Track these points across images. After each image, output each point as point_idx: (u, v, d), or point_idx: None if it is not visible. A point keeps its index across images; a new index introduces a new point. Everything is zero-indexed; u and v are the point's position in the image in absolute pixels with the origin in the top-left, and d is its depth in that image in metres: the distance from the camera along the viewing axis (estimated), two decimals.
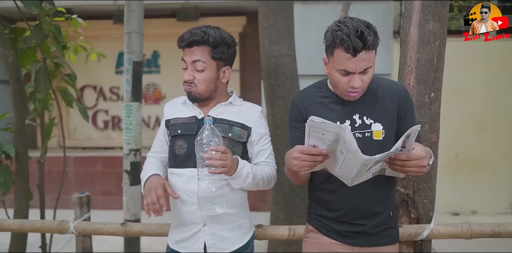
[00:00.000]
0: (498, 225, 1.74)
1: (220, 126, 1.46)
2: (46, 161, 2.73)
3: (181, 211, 1.47)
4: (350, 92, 1.31)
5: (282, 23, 2.66)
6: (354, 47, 1.20)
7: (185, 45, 1.44)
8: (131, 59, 2.72)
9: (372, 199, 1.40)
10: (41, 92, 2.14)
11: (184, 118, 1.52)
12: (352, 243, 1.44)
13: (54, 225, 1.90)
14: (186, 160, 1.47)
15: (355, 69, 1.25)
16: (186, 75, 1.46)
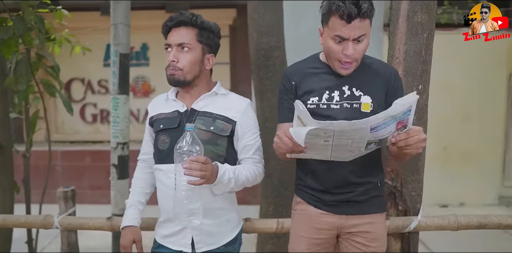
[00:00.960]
0: (484, 216, 1.76)
1: (202, 119, 1.44)
2: (33, 155, 2.68)
3: (168, 206, 1.43)
4: (342, 63, 1.33)
5: (271, 15, 2.63)
6: (349, 13, 1.22)
7: (173, 25, 1.42)
8: (117, 51, 2.67)
9: (359, 168, 1.41)
10: (22, 83, 2.08)
11: (166, 113, 1.50)
12: (339, 212, 1.45)
13: (38, 220, 1.86)
14: (170, 155, 1.39)
15: (349, 35, 1.26)
16: (170, 56, 1.41)
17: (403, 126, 1.18)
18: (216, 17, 5.40)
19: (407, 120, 1.16)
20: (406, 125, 1.18)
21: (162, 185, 1.46)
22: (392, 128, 1.17)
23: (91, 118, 5.52)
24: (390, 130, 1.17)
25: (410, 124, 1.18)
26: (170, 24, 1.43)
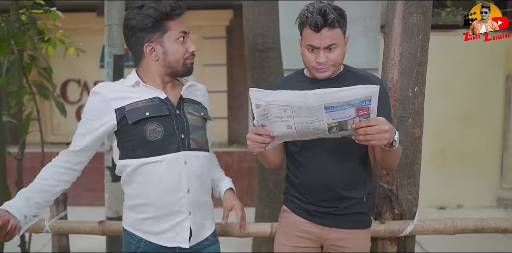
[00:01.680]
0: (481, 220, 1.74)
1: (192, 106, 1.44)
2: (28, 156, 2.66)
3: (164, 201, 1.35)
4: (317, 69, 1.37)
5: (266, 15, 2.61)
6: (315, 23, 1.30)
7: (178, 13, 1.34)
8: (111, 52, 2.65)
9: (336, 183, 1.42)
10: (14, 84, 2.06)
11: (143, 100, 1.35)
12: (321, 223, 1.48)
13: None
14: (166, 145, 1.34)
15: (319, 44, 1.33)
16: (193, 46, 1.39)
17: (366, 115, 1.15)
18: (212, 18, 5.42)
19: (368, 109, 1.14)
20: (369, 114, 1.15)
21: (159, 178, 1.34)
22: (351, 112, 1.14)
23: None
24: (350, 115, 1.15)
25: (373, 114, 1.16)
26: (177, 12, 1.34)
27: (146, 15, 1.31)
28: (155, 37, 1.34)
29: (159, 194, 1.35)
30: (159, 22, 1.32)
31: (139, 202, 1.38)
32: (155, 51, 1.36)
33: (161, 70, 1.39)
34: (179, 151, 1.36)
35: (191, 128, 1.40)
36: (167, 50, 1.35)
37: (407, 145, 1.73)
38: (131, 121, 1.32)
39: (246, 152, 4.88)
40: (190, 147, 1.38)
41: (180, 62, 1.37)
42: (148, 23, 1.31)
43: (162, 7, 1.31)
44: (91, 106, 1.36)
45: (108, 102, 1.33)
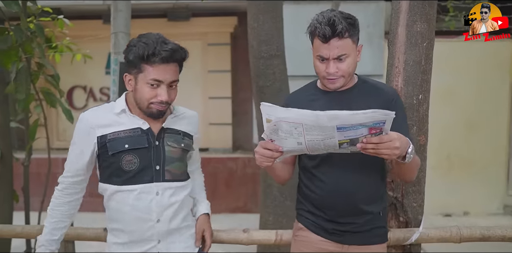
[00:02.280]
0: (487, 228, 1.73)
1: (172, 137, 1.44)
2: (35, 162, 2.68)
3: (133, 228, 1.40)
4: (328, 79, 1.35)
5: (271, 23, 2.63)
6: (324, 33, 1.28)
7: (160, 61, 1.31)
8: (117, 60, 2.69)
9: (359, 198, 1.40)
10: (22, 92, 2.09)
11: (126, 130, 1.38)
12: (340, 241, 1.44)
13: (34, 230, 1.85)
14: (140, 176, 1.38)
15: (328, 55, 1.31)
16: (165, 95, 1.34)
17: (378, 132, 1.15)
18: (217, 25, 5.46)
19: (382, 129, 1.14)
20: (382, 132, 1.15)
21: (130, 207, 1.38)
22: (363, 131, 1.15)
23: None
24: (362, 133, 1.15)
25: (386, 132, 1.16)
26: (158, 59, 1.31)
27: (131, 50, 1.33)
28: (132, 72, 1.35)
29: (129, 222, 1.40)
30: (137, 61, 1.32)
31: (115, 226, 1.44)
32: (131, 82, 1.37)
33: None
34: (152, 182, 1.39)
35: (168, 160, 1.41)
36: (137, 88, 1.35)
37: None
38: (111, 152, 1.37)
39: (250, 158, 4.88)
40: (165, 178, 1.41)
41: (144, 104, 1.35)
42: (129, 57, 1.34)
43: (142, 49, 1.29)
44: (78, 132, 1.41)
45: (93, 128, 1.38)
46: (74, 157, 1.42)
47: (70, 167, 1.44)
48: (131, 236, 1.41)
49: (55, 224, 1.45)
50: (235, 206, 4.62)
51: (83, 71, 5.18)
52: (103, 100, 5.50)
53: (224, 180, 4.67)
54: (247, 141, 5.31)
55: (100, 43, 4.58)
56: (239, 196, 4.76)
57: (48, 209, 1.46)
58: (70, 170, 1.43)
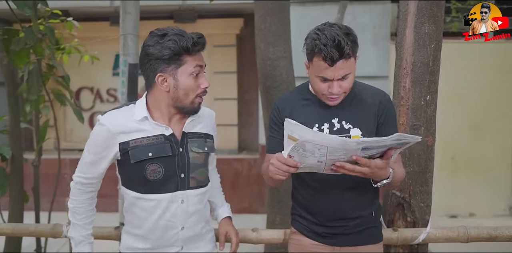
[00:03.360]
0: (494, 228, 1.74)
1: (196, 142, 1.41)
2: (43, 163, 2.71)
3: (158, 235, 1.40)
4: (329, 97, 1.33)
5: (278, 25, 2.65)
6: (331, 57, 1.22)
7: (200, 49, 1.31)
8: (126, 61, 2.70)
9: (349, 203, 1.41)
10: (34, 93, 2.12)
11: (149, 137, 1.33)
12: (333, 243, 1.45)
13: (47, 229, 1.87)
14: (165, 184, 1.35)
15: (333, 77, 1.28)
16: (206, 82, 1.34)
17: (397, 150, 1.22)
18: (223, 26, 5.50)
19: (401, 147, 1.21)
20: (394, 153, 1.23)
21: (155, 216, 1.37)
22: (384, 149, 1.20)
23: None
24: (383, 150, 1.20)
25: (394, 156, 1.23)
26: (197, 48, 1.30)
27: (165, 46, 1.27)
28: (169, 69, 1.29)
29: (153, 230, 1.39)
30: (177, 55, 1.28)
31: (135, 232, 1.43)
32: (167, 82, 1.31)
33: (169, 102, 1.34)
34: (177, 190, 1.37)
35: (192, 167, 1.39)
36: (178, 84, 1.30)
37: (419, 154, 1.74)
38: (133, 160, 1.32)
39: (256, 158, 4.90)
40: (189, 186, 1.39)
41: (189, 98, 1.33)
42: (165, 54, 1.27)
43: (183, 41, 1.26)
44: (96, 138, 1.36)
45: (114, 135, 1.33)
46: (90, 161, 1.38)
47: (85, 169, 1.40)
48: (155, 242, 1.40)
49: (85, 219, 1.44)
50: (241, 206, 4.63)
51: (90, 73, 5.22)
52: (110, 101, 5.54)
53: (229, 181, 4.69)
54: (253, 142, 5.33)
55: (107, 45, 4.62)
56: (244, 197, 4.78)
57: (71, 207, 1.44)
58: (85, 172, 1.40)
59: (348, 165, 1.19)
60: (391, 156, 1.23)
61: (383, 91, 1.45)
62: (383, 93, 1.43)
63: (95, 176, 1.41)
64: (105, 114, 1.37)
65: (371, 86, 1.47)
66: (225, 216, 1.59)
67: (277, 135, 1.43)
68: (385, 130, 1.37)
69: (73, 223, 1.44)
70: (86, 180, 1.42)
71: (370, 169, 1.20)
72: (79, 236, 1.43)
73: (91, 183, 1.43)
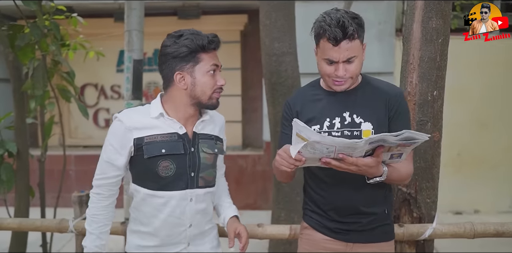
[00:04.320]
0: (501, 224, 1.73)
1: (206, 142, 1.44)
2: (47, 159, 2.72)
3: (166, 233, 1.42)
4: (336, 81, 1.34)
5: (283, 21, 2.64)
6: (335, 36, 1.25)
7: (214, 47, 1.37)
8: (131, 57, 2.70)
9: (358, 200, 1.41)
10: (39, 88, 2.12)
11: (163, 134, 1.37)
12: (345, 239, 1.44)
13: (53, 224, 1.89)
14: (175, 182, 1.38)
15: (338, 58, 1.29)
16: (223, 80, 1.39)
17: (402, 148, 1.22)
18: (227, 23, 5.50)
19: (410, 145, 1.20)
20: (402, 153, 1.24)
21: (165, 213, 1.39)
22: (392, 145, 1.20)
23: (104, 123, 5.58)
24: (390, 145, 1.20)
25: (404, 155, 1.24)
26: (212, 47, 1.36)
27: (182, 45, 1.33)
28: (186, 67, 1.35)
29: (162, 227, 1.41)
30: (193, 53, 1.34)
31: (143, 230, 1.44)
32: (185, 80, 1.36)
33: (186, 100, 1.39)
34: (187, 188, 1.40)
35: (202, 167, 1.42)
36: (196, 81, 1.36)
37: (426, 149, 1.73)
38: (147, 156, 1.35)
39: (260, 155, 4.90)
40: (198, 185, 1.42)
41: (207, 95, 1.37)
42: (182, 52, 1.33)
43: (199, 39, 1.33)
44: (115, 133, 1.38)
45: (130, 130, 1.36)
46: (110, 159, 1.39)
47: (105, 169, 1.40)
48: (162, 240, 1.42)
49: (101, 228, 1.43)
50: (245, 203, 4.64)
51: (94, 69, 5.23)
52: (114, 98, 5.55)
53: (234, 177, 4.69)
54: (257, 138, 5.33)
55: (111, 41, 4.62)
56: (249, 193, 4.79)
57: (89, 215, 1.43)
58: (106, 172, 1.40)
59: (333, 162, 1.20)
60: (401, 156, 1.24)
61: (396, 85, 1.45)
62: (396, 88, 1.43)
63: (116, 174, 1.40)
64: (121, 112, 1.42)
65: (384, 80, 1.46)
66: (232, 215, 1.59)
67: (288, 131, 1.43)
68: (396, 124, 1.36)
69: (88, 231, 1.43)
70: (108, 180, 1.41)
71: (358, 167, 1.21)
72: (93, 246, 1.42)
73: (112, 183, 1.42)
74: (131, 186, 1.45)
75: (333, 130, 1.37)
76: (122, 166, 1.39)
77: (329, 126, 1.38)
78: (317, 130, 1.38)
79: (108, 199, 1.43)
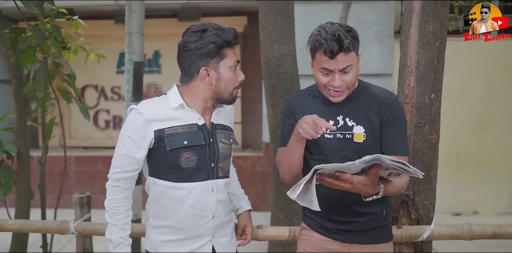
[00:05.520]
0: (499, 226, 1.74)
1: (223, 133, 1.46)
2: (48, 160, 2.73)
3: (190, 225, 1.41)
4: (332, 92, 1.36)
5: (282, 23, 2.66)
6: (331, 50, 1.28)
7: (237, 42, 1.38)
8: (132, 59, 2.72)
9: (352, 201, 1.41)
10: (40, 91, 2.14)
11: (183, 126, 1.38)
12: (343, 239, 1.46)
13: (54, 225, 1.90)
14: (197, 173, 1.38)
15: (334, 67, 1.32)
16: (242, 75, 1.41)
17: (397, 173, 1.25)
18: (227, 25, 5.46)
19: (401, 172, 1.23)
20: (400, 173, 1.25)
21: (188, 205, 1.39)
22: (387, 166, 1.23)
23: (104, 124, 5.59)
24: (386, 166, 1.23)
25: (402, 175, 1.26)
26: (234, 42, 1.36)
27: (209, 41, 1.32)
28: (212, 62, 1.35)
29: (185, 219, 1.40)
30: (220, 49, 1.34)
31: (164, 224, 1.42)
32: (209, 76, 1.36)
33: (208, 94, 1.40)
34: (208, 179, 1.40)
35: (221, 157, 1.43)
36: (220, 77, 1.36)
37: (424, 151, 1.75)
38: (169, 147, 1.34)
39: (260, 156, 4.92)
40: (218, 176, 1.43)
41: (229, 90, 1.39)
42: (210, 49, 1.33)
43: (225, 34, 1.33)
44: (133, 125, 1.36)
45: (149, 122, 1.35)
46: (128, 152, 1.37)
47: (124, 162, 1.38)
48: (186, 233, 1.41)
49: (123, 219, 1.41)
50: None
51: (95, 71, 5.25)
52: (114, 99, 5.56)
53: None
54: (257, 140, 5.34)
55: (111, 43, 4.64)
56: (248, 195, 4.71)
57: (109, 208, 1.40)
58: (125, 165, 1.38)
59: (327, 179, 1.23)
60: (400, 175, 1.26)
61: (390, 91, 1.46)
62: (390, 93, 1.44)
63: (135, 168, 1.39)
64: (139, 103, 1.39)
65: (379, 86, 1.48)
66: (246, 209, 1.61)
67: (288, 127, 1.48)
68: (387, 130, 1.39)
69: (111, 224, 1.40)
70: (126, 173, 1.39)
71: (352, 185, 1.24)
72: (118, 237, 1.40)
73: (131, 176, 1.40)
74: (148, 180, 1.44)
75: (326, 133, 1.40)
76: (142, 159, 1.38)
77: None
78: None
79: (127, 191, 1.41)
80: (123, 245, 1.40)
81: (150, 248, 1.46)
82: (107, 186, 1.42)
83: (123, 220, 1.40)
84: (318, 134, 1.26)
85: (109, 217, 1.40)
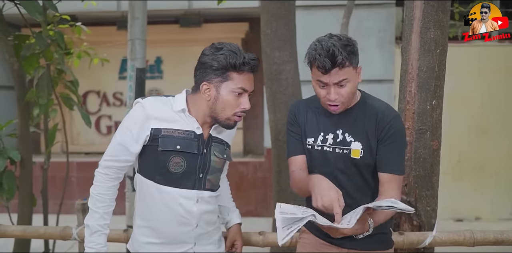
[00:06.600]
0: (501, 232, 1.74)
1: (218, 147, 1.45)
2: (50, 166, 2.75)
3: (172, 230, 1.41)
4: (329, 104, 1.37)
5: (284, 30, 2.67)
6: (324, 66, 1.28)
7: (249, 69, 1.35)
8: (134, 66, 2.73)
9: (355, 204, 1.40)
10: (43, 97, 2.16)
11: (180, 130, 1.37)
12: (339, 244, 1.46)
13: (57, 231, 1.90)
14: (183, 180, 1.38)
15: (329, 80, 1.31)
16: (248, 104, 1.37)
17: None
18: (228, 31, 5.54)
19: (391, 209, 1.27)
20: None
21: (167, 208, 1.39)
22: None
23: (106, 130, 5.60)
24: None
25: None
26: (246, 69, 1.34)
27: (216, 58, 1.32)
28: (215, 80, 1.35)
29: (168, 224, 1.40)
30: (223, 70, 1.33)
31: (147, 225, 1.43)
32: (209, 92, 1.36)
33: (206, 110, 1.39)
34: (194, 189, 1.40)
35: (211, 170, 1.43)
36: (219, 97, 1.35)
37: (425, 157, 1.75)
38: (161, 148, 1.35)
39: (261, 162, 4.92)
40: (205, 187, 1.42)
41: (226, 113, 1.36)
42: (214, 66, 1.33)
43: (233, 57, 1.31)
44: (135, 118, 1.37)
45: (149, 118, 1.36)
46: (124, 142, 1.37)
47: (117, 152, 1.38)
48: (168, 237, 1.41)
49: (106, 208, 1.42)
50: (246, 210, 4.64)
51: (97, 76, 5.27)
52: (116, 105, 5.58)
53: (234, 184, 4.67)
54: (258, 145, 5.35)
55: (113, 49, 4.68)
56: (249, 200, 4.79)
57: (94, 193, 1.41)
58: (118, 155, 1.38)
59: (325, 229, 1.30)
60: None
61: (393, 108, 1.44)
62: (390, 110, 1.42)
63: (127, 158, 1.39)
64: (145, 98, 1.39)
65: (383, 102, 1.45)
66: (236, 223, 1.61)
67: (294, 135, 1.49)
68: (383, 150, 1.38)
69: (92, 210, 1.41)
70: (117, 163, 1.39)
71: (343, 234, 1.29)
72: (96, 225, 1.41)
73: (121, 167, 1.41)
74: (136, 176, 1.44)
75: (325, 145, 1.42)
76: (135, 152, 1.38)
77: (322, 141, 1.43)
78: (311, 143, 1.44)
79: (115, 181, 1.42)
80: (100, 233, 1.41)
81: (131, 248, 1.48)
82: (96, 172, 1.43)
83: (105, 209, 1.41)
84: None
85: (92, 203, 1.42)
